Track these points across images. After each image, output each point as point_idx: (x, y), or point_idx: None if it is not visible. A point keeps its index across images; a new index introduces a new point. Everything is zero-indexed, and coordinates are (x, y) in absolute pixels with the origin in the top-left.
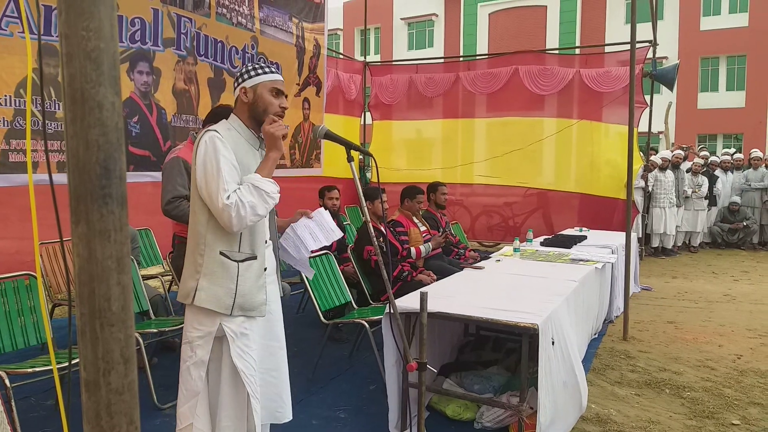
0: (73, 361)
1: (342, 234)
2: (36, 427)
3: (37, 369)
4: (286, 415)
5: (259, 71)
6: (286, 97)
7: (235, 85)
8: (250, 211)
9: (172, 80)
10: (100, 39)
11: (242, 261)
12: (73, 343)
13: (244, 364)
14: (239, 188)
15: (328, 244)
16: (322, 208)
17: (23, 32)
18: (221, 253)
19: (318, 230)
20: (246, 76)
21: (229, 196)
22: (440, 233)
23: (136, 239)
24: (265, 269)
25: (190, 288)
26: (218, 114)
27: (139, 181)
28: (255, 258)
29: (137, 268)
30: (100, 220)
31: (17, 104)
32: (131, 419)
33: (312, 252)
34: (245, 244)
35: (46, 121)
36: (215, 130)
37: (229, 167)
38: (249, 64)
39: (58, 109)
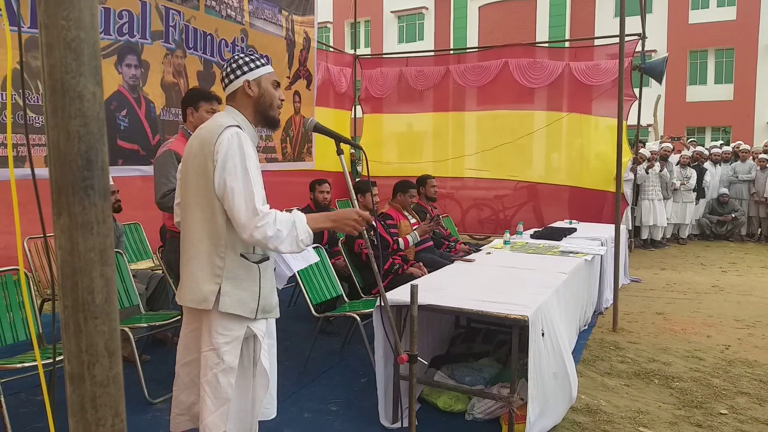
0: (60, 357)
1: (317, 258)
2: (26, 423)
3: (27, 364)
4: (273, 412)
5: (259, 63)
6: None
7: (232, 76)
8: (275, 237)
9: (161, 73)
10: (80, 29)
11: (259, 262)
12: (58, 338)
13: (268, 364)
14: (282, 212)
15: (306, 266)
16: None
17: (10, 25)
18: (242, 255)
19: None
20: (246, 68)
21: (263, 203)
22: (429, 220)
23: (120, 234)
24: (275, 269)
25: (209, 292)
26: (192, 97)
27: (128, 176)
28: (268, 258)
29: (126, 262)
30: (82, 213)
31: (4, 98)
32: (117, 412)
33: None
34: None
35: (33, 115)
36: (238, 126)
37: (257, 170)
38: (243, 55)
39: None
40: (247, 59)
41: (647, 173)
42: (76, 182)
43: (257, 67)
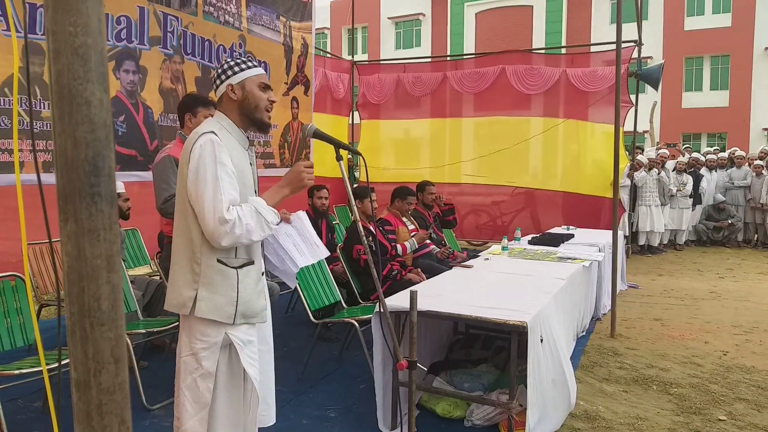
0: (63, 362)
1: (328, 253)
2: (23, 429)
3: (24, 371)
4: (270, 419)
5: (243, 66)
6: (272, 90)
7: (218, 81)
8: (245, 232)
9: (159, 79)
10: (87, 35)
11: (240, 267)
12: (62, 343)
13: (255, 371)
14: (241, 207)
15: (314, 261)
16: (302, 212)
17: (8, 30)
18: (219, 261)
19: (302, 242)
20: (230, 72)
21: (229, 209)
22: (434, 220)
23: (122, 241)
24: (263, 274)
25: (187, 298)
26: (189, 102)
27: (126, 181)
28: (252, 263)
29: (124, 268)
30: (89, 219)
31: (2, 103)
32: (123, 419)
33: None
34: (241, 249)
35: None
36: (212, 132)
37: (228, 176)
38: (230, 59)
39: (44, 108)
40: (231, 63)
41: (650, 172)
42: (83, 188)
43: (241, 70)
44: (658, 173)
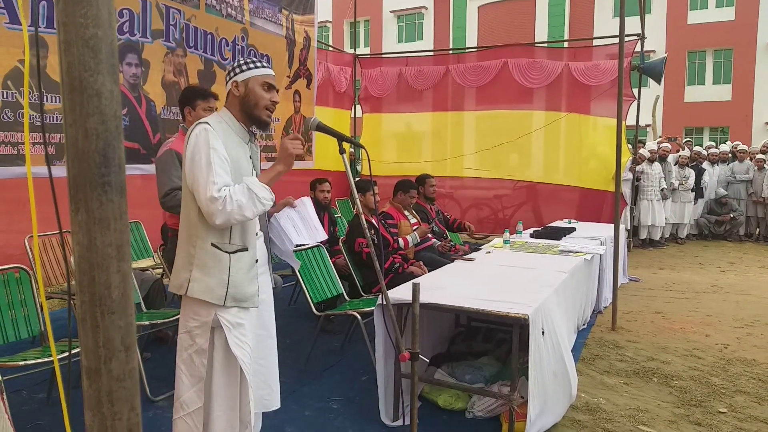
0: (71, 352)
1: (326, 236)
2: (27, 420)
3: (29, 362)
4: (274, 403)
5: (251, 65)
6: (278, 91)
7: (227, 79)
8: (236, 209)
9: (162, 72)
10: (98, 27)
11: (233, 252)
12: (69, 334)
13: (242, 353)
14: (233, 186)
15: (311, 242)
16: (306, 198)
17: (10, 23)
18: (213, 245)
19: (301, 224)
20: (238, 70)
21: (220, 189)
22: (436, 213)
23: None
24: (257, 261)
25: (184, 279)
26: (188, 96)
27: (129, 174)
28: (246, 250)
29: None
30: (99, 209)
31: (4, 96)
32: (132, 406)
33: (296, 246)
34: (236, 236)
35: (33, 113)
36: (207, 122)
37: (220, 160)
38: (240, 58)
39: (46, 100)
40: (241, 62)
41: (651, 166)
42: (94, 179)
43: (248, 69)
44: (661, 169)
